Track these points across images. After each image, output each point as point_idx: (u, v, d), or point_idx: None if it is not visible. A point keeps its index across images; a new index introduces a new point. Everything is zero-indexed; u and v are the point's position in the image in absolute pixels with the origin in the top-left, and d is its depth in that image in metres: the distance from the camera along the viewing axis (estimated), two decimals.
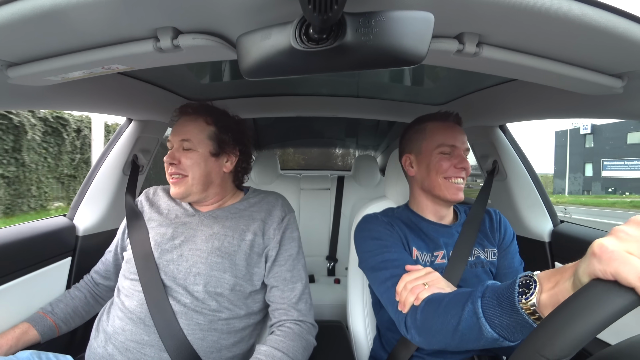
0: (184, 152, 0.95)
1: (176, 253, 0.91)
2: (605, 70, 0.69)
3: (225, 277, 0.88)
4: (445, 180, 0.95)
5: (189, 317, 0.84)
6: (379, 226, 0.95)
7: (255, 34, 0.49)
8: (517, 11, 0.49)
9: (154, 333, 0.82)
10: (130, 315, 0.85)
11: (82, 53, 0.64)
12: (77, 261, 1.18)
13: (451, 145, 0.96)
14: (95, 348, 0.86)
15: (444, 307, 0.67)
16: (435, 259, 0.93)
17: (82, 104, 1.03)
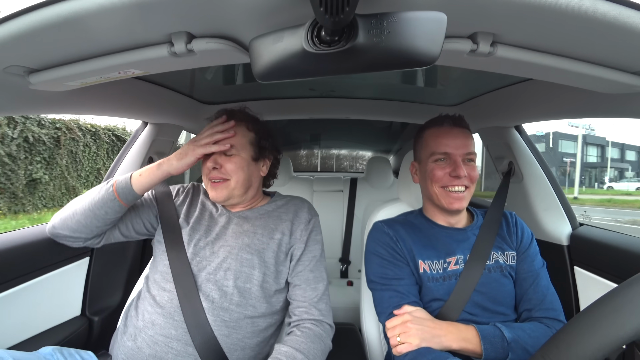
0: (227, 157, 0.96)
1: (209, 250, 0.94)
2: (625, 68, 0.67)
3: (254, 273, 0.91)
4: (442, 189, 0.93)
5: (216, 313, 0.86)
6: (383, 242, 0.97)
7: (267, 37, 0.49)
8: (533, 9, 0.48)
9: (181, 327, 0.85)
10: (161, 310, 0.88)
11: (99, 59, 0.66)
12: (94, 261, 1.21)
13: (443, 152, 0.93)
14: (125, 342, 0.88)
15: None
16: (448, 266, 0.92)
17: (99, 108, 1.06)
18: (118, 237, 1.01)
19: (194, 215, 1.01)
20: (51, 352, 0.82)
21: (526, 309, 0.90)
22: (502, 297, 0.90)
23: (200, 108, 1.55)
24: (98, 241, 0.99)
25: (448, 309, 0.87)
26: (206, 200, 1.06)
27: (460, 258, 0.93)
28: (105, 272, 1.25)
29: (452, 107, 1.55)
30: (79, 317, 1.15)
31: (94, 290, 1.20)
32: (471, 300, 0.88)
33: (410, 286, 0.90)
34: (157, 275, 0.94)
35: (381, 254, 0.95)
